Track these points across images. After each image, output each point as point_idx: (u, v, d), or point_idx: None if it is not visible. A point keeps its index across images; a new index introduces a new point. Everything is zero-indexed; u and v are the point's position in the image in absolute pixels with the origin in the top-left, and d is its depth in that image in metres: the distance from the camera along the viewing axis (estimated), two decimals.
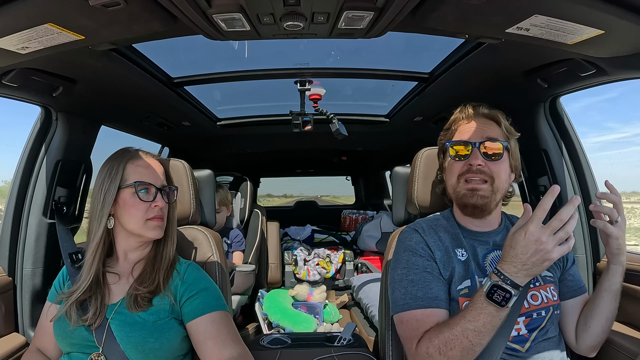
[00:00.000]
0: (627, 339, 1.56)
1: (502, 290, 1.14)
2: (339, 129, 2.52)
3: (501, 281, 1.14)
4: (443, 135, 1.56)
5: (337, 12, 1.24)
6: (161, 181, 1.45)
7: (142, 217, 1.39)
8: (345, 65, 2.32)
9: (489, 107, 1.47)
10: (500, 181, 1.39)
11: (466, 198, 1.39)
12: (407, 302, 1.35)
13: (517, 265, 1.14)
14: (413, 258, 1.40)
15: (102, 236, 1.40)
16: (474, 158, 1.38)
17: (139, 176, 1.40)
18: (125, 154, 1.44)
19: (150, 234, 1.41)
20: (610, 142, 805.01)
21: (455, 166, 1.44)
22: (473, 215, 1.44)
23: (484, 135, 1.41)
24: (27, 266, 1.94)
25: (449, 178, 1.47)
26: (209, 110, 3.04)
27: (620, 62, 1.44)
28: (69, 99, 1.87)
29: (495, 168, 1.39)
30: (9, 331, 1.87)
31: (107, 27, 1.25)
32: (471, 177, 1.38)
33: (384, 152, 4.68)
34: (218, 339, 1.35)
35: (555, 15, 1.16)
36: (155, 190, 1.42)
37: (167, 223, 1.49)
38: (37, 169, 1.98)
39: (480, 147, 1.39)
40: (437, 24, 1.33)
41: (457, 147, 1.44)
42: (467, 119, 1.48)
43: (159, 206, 1.41)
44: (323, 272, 4.24)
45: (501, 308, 1.15)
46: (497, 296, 1.14)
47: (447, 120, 1.56)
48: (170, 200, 1.48)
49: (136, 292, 1.36)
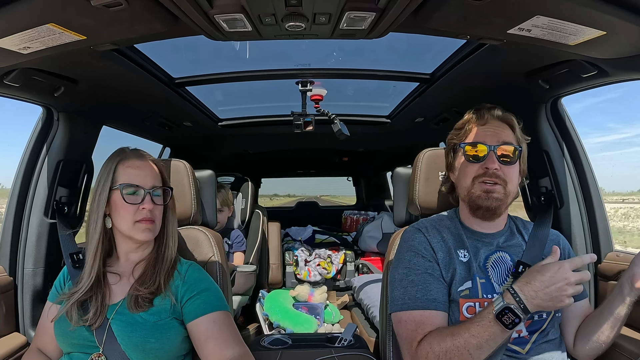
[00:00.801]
0: (629, 340, 1.55)
1: (513, 314, 1.15)
2: (341, 129, 2.52)
3: (515, 304, 1.15)
4: (455, 135, 1.52)
5: (338, 13, 1.24)
6: (152, 183, 1.42)
7: (130, 219, 1.38)
8: (346, 65, 2.32)
9: (503, 110, 1.46)
10: (513, 185, 1.39)
11: (480, 200, 1.37)
12: (406, 302, 1.35)
13: (538, 291, 1.15)
14: (415, 259, 1.40)
15: (99, 236, 1.40)
16: (491, 162, 1.37)
17: (127, 178, 1.39)
18: (118, 154, 1.44)
19: (139, 236, 1.40)
20: (612, 143, 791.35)
21: (470, 168, 1.41)
22: (484, 218, 1.43)
23: (500, 139, 1.39)
24: (28, 266, 1.94)
25: (462, 180, 1.45)
26: (211, 111, 3.04)
27: (622, 63, 1.44)
28: (71, 99, 1.87)
29: (509, 172, 1.38)
30: (9, 331, 1.87)
31: (109, 27, 1.26)
32: (486, 180, 1.37)
33: (385, 153, 4.68)
34: (219, 339, 1.35)
35: (557, 16, 1.16)
36: (144, 192, 1.40)
37: (164, 224, 1.48)
38: (38, 168, 1.98)
39: (496, 151, 1.37)
40: (439, 24, 1.33)
41: (473, 148, 1.41)
42: (482, 120, 1.45)
43: (147, 208, 1.39)
44: (324, 272, 4.24)
45: (507, 330, 1.16)
46: (507, 318, 1.15)
47: (449, 120, 1.55)
48: (162, 202, 1.46)
49: (137, 293, 1.36)
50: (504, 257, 1.41)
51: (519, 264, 1.36)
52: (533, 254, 1.39)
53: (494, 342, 1.18)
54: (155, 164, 1.48)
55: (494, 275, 1.37)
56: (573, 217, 1.95)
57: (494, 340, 1.17)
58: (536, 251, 1.40)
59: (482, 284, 1.35)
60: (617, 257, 1.82)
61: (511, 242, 1.45)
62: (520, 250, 1.42)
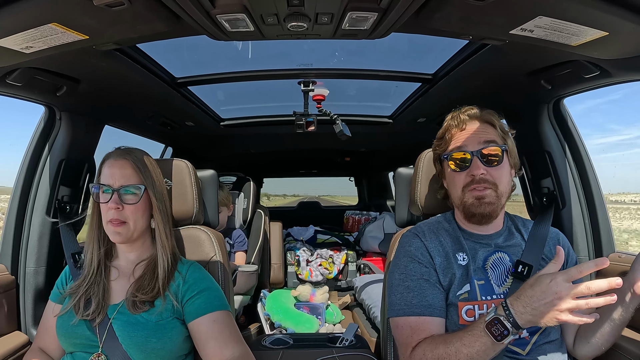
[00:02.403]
0: (630, 341, 1.55)
1: (501, 325, 1.12)
2: (343, 129, 2.52)
3: (505, 317, 1.12)
4: (437, 145, 1.51)
5: (341, 13, 1.23)
6: (121, 182, 1.38)
7: (104, 218, 1.38)
8: (348, 66, 2.31)
9: (479, 108, 1.44)
10: (504, 185, 1.38)
11: (474, 208, 1.36)
12: (402, 307, 1.35)
13: (527, 307, 1.10)
14: (411, 264, 1.40)
15: (94, 233, 1.41)
16: (476, 168, 1.35)
17: (102, 177, 1.40)
18: (107, 155, 1.45)
19: (111, 237, 1.39)
20: (614, 144, 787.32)
21: (458, 178, 1.40)
22: (480, 223, 1.41)
23: (480, 141, 1.38)
24: (30, 265, 1.95)
25: (453, 190, 1.44)
26: (213, 111, 3.04)
27: (624, 64, 1.43)
28: (73, 98, 1.87)
29: (497, 174, 1.36)
30: (11, 329, 1.87)
31: (111, 26, 1.26)
32: (476, 187, 1.35)
33: (387, 153, 4.67)
34: (220, 338, 1.36)
35: (559, 16, 1.16)
36: (111, 191, 1.37)
37: (160, 225, 1.44)
38: (40, 168, 1.99)
39: (480, 155, 1.36)
40: (441, 25, 1.33)
41: (455, 157, 1.40)
42: (460, 125, 1.43)
43: (111, 208, 1.36)
44: (325, 272, 4.24)
45: (497, 342, 1.13)
46: (496, 329, 1.13)
47: None
48: (135, 201, 1.39)
49: (134, 299, 1.36)
50: (503, 257, 1.40)
51: (518, 263, 1.36)
52: (533, 253, 1.39)
53: (485, 354, 1.16)
54: (135, 162, 1.42)
55: (493, 276, 1.37)
56: (575, 218, 1.95)
57: (485, 352, 1.15)
58: (536, 250, 1.40)
59: (480, 286, 1.34)
60: (619, 258, 1.82)
61: (510, 241, 1.44)
62: (520, 250, 1.42)
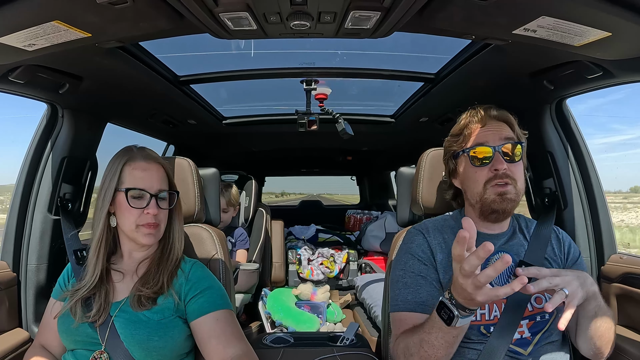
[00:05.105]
0: (631, 342, 1.55)
1: (447, 308, 1.11)
2: (345, 128, 2.52)
3: (448, 299, 1.11)
4: (454, 142, 1.48)
5: (343, 12, 1.23)
6: (158, 186, 1.41)
7: (134, 222, 1.37)
8: (351, 65, 2.31)
9: (497, 109, 1.43)
10: (521, 182, 1.37)
11: (495, 204, 1.34)
12: (398, 303, 1.37)
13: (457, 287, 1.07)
14: (411, 261, 1.40)
15: (102, 233, 1.39)
16: (499, 162, 1.34)
17: (133, 181, 1.38)
18: (125, 154, 1.41)
19: (142, 240, 1.40)
20: (616, 144, 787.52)
21: (480, 173, 1.37)
22: (496, 221, 1.40)
23: (502, 137, 1.37)
24: (32, 262, 1.95)
25: (472, 186, 1.40)
26: (215, 109, 3.04)
27: (627, 65, 1.43)
28: (75, 96, 1.87)
29: (517, 170, 1.36)
30: (12, 326, 1.88)
31: (114, 24, 1.26)
32: (498, 182, 1.33)
33: (389, 152, 4.67)
34: (222, 337, 1.36)
35: (562, 16, 1.16)
36: (149, 197, 1.38)
37: (170, 225, 1.48)
38: (42, 165, 1.99)
39: (501, 150, 1.35)
40: (444, 24, 1.33)
41: (478, 152, 1.38)
42: (480, 122, 1.42)
43: (151, 213, 1.37)
44: (327, 271, 4.23)
45: (448, 327, 1.11)
46: (444, 313, 1.12)
47: (453, 121, 1.53)
48: (168, 206, 1.45)
49: (139, 293, 1.36)
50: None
51: (521, 263, 1.35)
52: (535, 253, 1.39)
53: (445, 341, 1.14)
54: (163, 165, 1.46)
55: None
56: (577, 219, 1.95)
57: (444, 339, 1.14)
58: (538, 251, 1.40)
59: None
60: (620, 259, 1.81)
61: (513, 242, 1.44)
62: (523, 250, 1.42)
